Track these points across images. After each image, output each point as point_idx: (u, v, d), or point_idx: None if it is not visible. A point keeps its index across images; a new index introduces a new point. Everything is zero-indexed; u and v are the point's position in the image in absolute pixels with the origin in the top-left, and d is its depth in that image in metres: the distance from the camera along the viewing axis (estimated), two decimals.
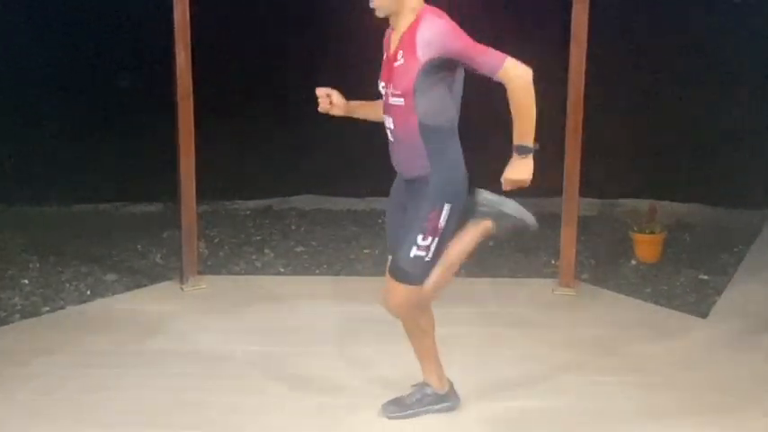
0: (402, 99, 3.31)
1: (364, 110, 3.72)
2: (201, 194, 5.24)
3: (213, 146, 5.79)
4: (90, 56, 8.05)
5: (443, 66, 3.24)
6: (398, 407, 3.73)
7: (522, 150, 3.24)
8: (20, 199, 6.70)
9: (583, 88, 4.88)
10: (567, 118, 4.93)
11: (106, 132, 7.76)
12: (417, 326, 3.60)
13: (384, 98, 3.43)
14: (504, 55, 3.17)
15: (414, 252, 3.36)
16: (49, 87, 7.96)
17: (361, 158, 7.23)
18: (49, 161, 7.39)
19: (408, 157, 3.41)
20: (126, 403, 3.85)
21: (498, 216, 3.59)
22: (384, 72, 3.43)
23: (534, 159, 3.28)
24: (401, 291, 3.43)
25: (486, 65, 3.15)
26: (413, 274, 3.39)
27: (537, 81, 3.22)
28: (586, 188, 5.13)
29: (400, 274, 3.41)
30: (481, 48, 3.18)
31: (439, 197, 3.36)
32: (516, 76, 3.16)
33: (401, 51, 3.29)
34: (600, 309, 4.94)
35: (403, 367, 4.05)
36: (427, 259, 3.38)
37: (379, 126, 3.56)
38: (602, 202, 6.67)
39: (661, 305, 5.03)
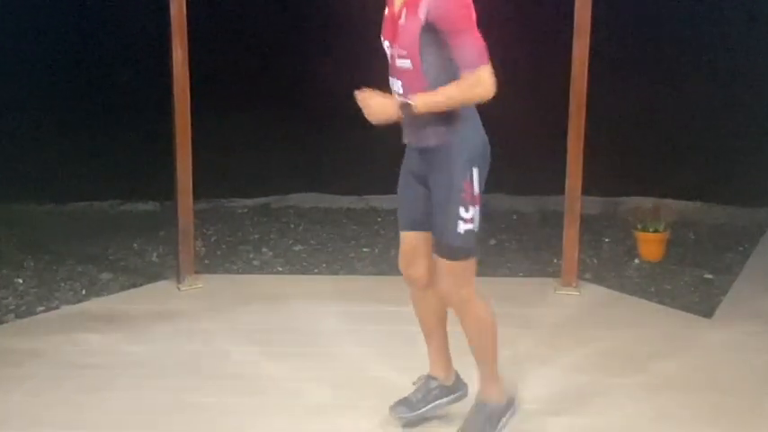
0: (409, 61, 3.14)
1: None
2: (198, 192, 5.23)
3: (210, 143, 5.78)
4: (86, 53, 8.06)
5: (440, 31, 3.07)
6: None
7: (406, 107, 3.09)
8: (14, 197, 6.69)
9: (586, 83, 4.87)
10: (569, 114, 4.92)
11: (102, 130, 7.78)
12: (480, 317, 3.42)
13: (390, 59, 3.24)
14: (487, 60, 3.05)
15: (462, 227, 3.22)
16: (44, 85, 7.97)
17: (361, 156, 7.24)
18: (44, 159, 7.40)
19: (422, 124, 3.21)
20: (122, 404, 3.84)
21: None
22: (387, 29, 3.25)
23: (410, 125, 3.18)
24: (456, 268, 3.29)
25: (466, 56, 3.03)
26: (467, 248, 3.27)
27: (538, 76, 3.21)
28: (589, 186, 5.12)
29: (456, 253, 3.26)
30: (474, 37, 3.04)
31: (466, 164, 3.21)
32: (481, 84, 3.03)
33: (405, 10, 3.12)
34: (603, 308, 4.93)
35: (403, 368, 4.05)
36: (476, 230, 3.26)
37: (379, 126, 3.40)
38: (605, 201, 6.66)
39: (665, 305, 5.02)
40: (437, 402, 3.65)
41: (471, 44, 3.03)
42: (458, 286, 3.33)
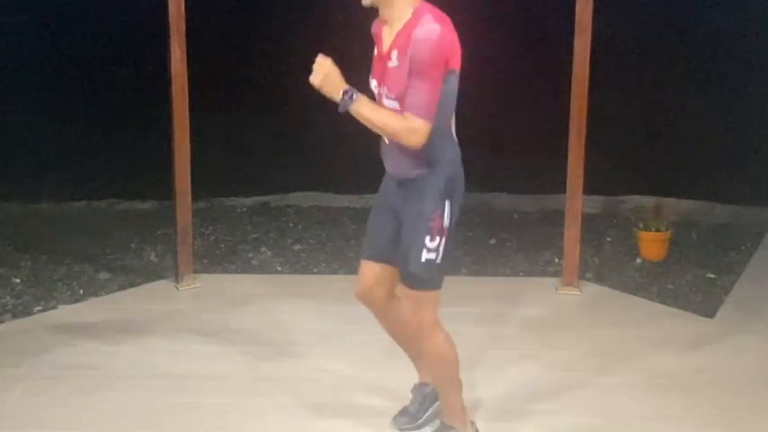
0: (397, 103, 3.13)
1: None
2: (197, 191, 5.23)
3: (209, 142, 5.78)
4: (83, 50, 8.05)
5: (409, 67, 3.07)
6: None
7: (347, 100, 3.09)
8: (11, 196, 6.69)
9: (587, 81, 4.86)
10: (570, 112, 4.92)
11: (100, 128, 7.77)
12: (437, 346, 3.39)
13: (377, 98, 3.25)
14: (430, 118, 3.04)
15: (424, 256, 3.21)
16: (40, 82, 7.96)
17: (360, 155, 7.21)
18: (41, 157, 7.39)
19: (404, 158, 3.24)
20: (120, 405, 3.84)
21: None
22: (376, 70, 3.27)
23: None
24: (416, 298, 3.30)
25: (417, 101, 3.04)
26: (427, 279, 3.26)
27: (539, 75, 3.23)
28: (590, 185, 5.12)
29: (416, 282, 3.27)
30: (429, 88, 3.03)
31: (439, 196, 3.22)
32: (413, 133, 3.05)
33: (395, 51, 3.12)
34: (604, 308, 4.93)
35: (403, 369, 4.04)
36: (438, 261, 3.24)
37: None
38: (606, 200, 6.66)
39: (667, 305, 5.02)
40: (435, 405, 3.66)
41: (426, 93, 3.04)
42: (414, 314, 3.32)
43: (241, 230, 6.37)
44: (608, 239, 6.10)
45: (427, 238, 3.21)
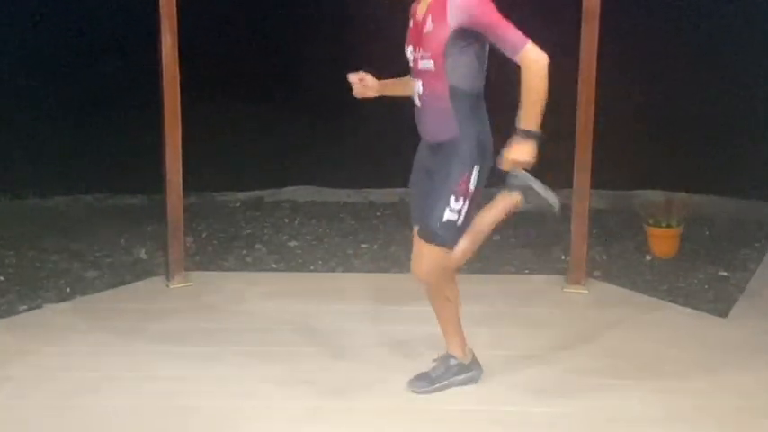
0: (432, 62, 3.54)
1: (395, 87, 3.95)
2: (188, 186, 5.23)
3: (201, 134, 5.77)
4: (69, 40, 8.04)
5: (471, 34, 3.48)
6: (425, 381, 3.91)
7: (527, 135, 3.49)
8: None
9: (595, 71, 4.86)
10: (578, 103, 4.92)
11: (87, 120, 7.77)
12: (443, 293, 3.80)
13: (413, 63, 3.65)
14: (527, 38, 3.43)
15: (447, 215, 3.56)
16: (27, 74, 7.96)
17: (359, 148, 7.24)
18: (27, 151, 7.39)
19: (437, 121, 3.61)
20: (109, 408, 3.84)
21: (526, 191, 3.81)
22: (412, 38, 3.66)
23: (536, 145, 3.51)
24: (432, 254, 3.62)
25: (509, 44, 3.43)
26: (445, 236, 3.59)
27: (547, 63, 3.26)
28: (598, 179, 5.12)
29: (433, 237, 3.59)
30: (506, 25, 3.45)
31: (468, 160, 3.58)
32: (534, 60, 3.42)
33: (430, 16, 3.53)
34: (613, 307, 4.93)
35: (403, 368, 4.05)
36: (459, 223, 3.59)
37: (378, 115, 3.60)
38: (615, 194, 6.67)
39: (678, 303, 5.02)
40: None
41: (505, 32, 3.44)
42: (427, 272, 3.67)
43: (234, 226, 6.38)
44: (616, 236, 6.11)
45: (452, 199, 3.57)
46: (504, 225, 6.06)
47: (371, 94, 3.91)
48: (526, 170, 3.66)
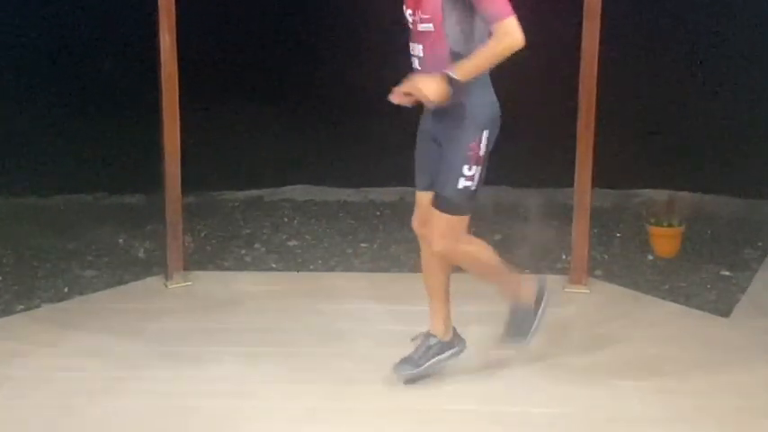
0: (431, 25, 3.54)
1: None
2: (187, 185, 5.22)
3: (200, 133, 5.78)
4: (67, 37, 8.04)
5: None
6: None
7: (449, 78, 3.46)
8: None
9: (597, 68, 4.86)
10: (579, 101, 4.92)
11: (86, 119, 7.77)
12: (465, 254, 3.81)
13: (412, 26, 3.65)
14: (512, 12, 3.42)
15: (461, 183, 3.61)
16: (22, 72, 7.96)
17: (359, 147, 7.24)
18: (25, 149, 7.39)
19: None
20: (108, 409, 3.84)
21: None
22: (409, 1, 3.65)
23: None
24: (448, 222, 3.67)
25: (491, 10, 3.42)
26: (461, 204, 3.65)
27: (546, 61, 3.27)
28: (600, 178, 5.12)
29: (449, 206, 3.65)
30: None
31: (477, 126, 3.61)
32: (508, 34, 3.41)
33: None
34: (614, 307, 4.93)
35: None
36: (473, 188, 3.64)
37: (378, 114, 3.61)
38: (616, 193, 6.66)
39: (680, 303, 5.02)
40: (437, 358, 3.98)
41: (491, 0, 3.43)
42: (443, 237, 3.71)
43: (234, 226, 6.38)
44: (618, 235, 6.11)
45: (465, 167, 3.61)
46: (506, 224, 6.12)
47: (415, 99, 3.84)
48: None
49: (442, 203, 3.67)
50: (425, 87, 3.48)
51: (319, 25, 7.80)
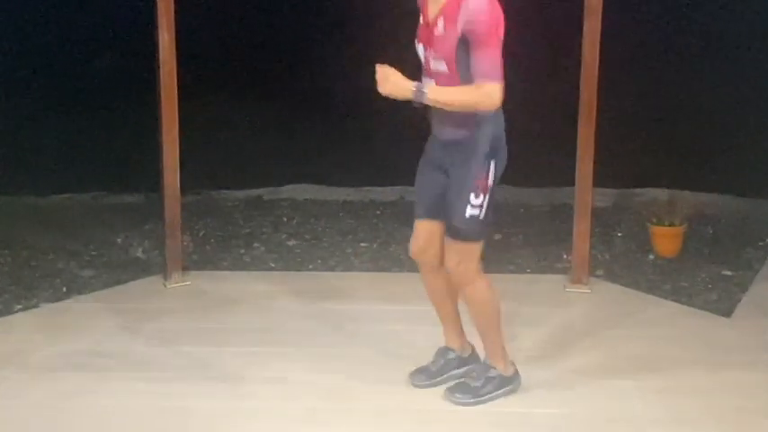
0: (445, 65, 3.55)
1: None
2: (186, 184, 5.22)
3: (199, 132, 5.78)
4: (64, 35, 8.03)
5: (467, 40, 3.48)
6: (469, 394, 3.89)
7: (420, 93, 3.50)
8: None
9: (597, 67, 4.86)
10: (580, 100, 4.92)
11: (84, 118, 7.76)
12: (477, 296, 3.83)
13: (424, 62, 3.67)
14: (501, 78, 3.46)
15: (469, 211, 3.66)
16: (22, 70, 7.95)
17: (359, 145, 7.23)
18: (23, 148, 7.38)
19: (453, 122, 3.63)
20: (105, 409, 3.85)
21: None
22: (422, 36, 3.67)
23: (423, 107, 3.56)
24: (461, 249, 3.73)
25: (482, 67, 3.45)
26: (470, 231, 3.70)
27: (547, 60, 3.27)
28: (601, 177, 5.12)
29: (459, 234, 3.71)
30: (494, 54, 3.46)
31: (485, 157, 3.65)
32: (488, 96, 3.46)
33: (441, 20, 3.52)
34: (615, 307, 4.93)
35: (403, 369, 4.06)
36: (481, 217, 3.69)
37: (379, 113, 3.62)
38: (617, 192, 6.66)
39: (681, 303, 5.02)
40: (453, 372, 4.01)
41: (490, 58, 3.45)
42: (457, 264, 3.74)
43: (233, 225, 6.38)
44: (619, 234, 6.11)
45: (472, 196, 3.66)
46: (506, 224, 6.13)
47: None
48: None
49: (453, 232, 3.72)
50: (387, 81, 3.51)
51: (320, 23, 7.80)
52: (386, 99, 3.60)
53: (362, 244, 6.02)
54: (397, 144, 6.77)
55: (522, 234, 6.09)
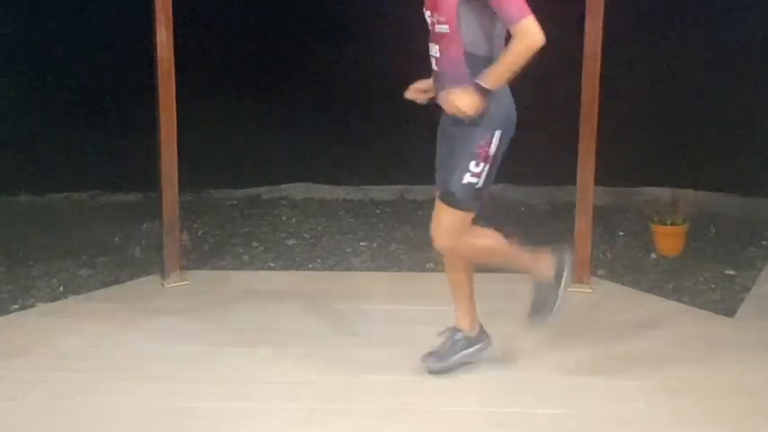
0: (447, 26, 3.62)
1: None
2: (184, 182, 5.23)
3: (197, 131, 5.79)
4: (61, 33, 8.03)
5: None
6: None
7: (481, 89, 3.56)
8: None
9: (599, 65, 4.87)
10: (581, 98, 4.92)
11: (81, 116, 7.76)
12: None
13: (430, 27, 3.73)
14: (529, 12, 3.49)
15: (466, 178, 3.67)
16: (18, 69, 7.95)
17: (358, 144, 7.24)
18: (20, 147, 7.38)
19: (454, 87, 3.64)
20: (103, 410, 3.84)
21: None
22: (428, 2, 3.74)
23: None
24: (450, 216, 3.73)
25: (509, 12, 3.49)
26: (464, 199, 3.70)
27: (548, 58, 3.28)
28: (602, 175, 5.12)
29: (452, 200, 3.71)
30: None
31: (489, 124, 3.66)
32: (528, 35, 3.48)
33: None
34: (617, 307, 4.94)
35: (403, 369, 4.06)
36: (478, 186, 3.70)
37: (379, 111, 3.63)
38: (619, 191, 6.66)
39: (684, 303, 5.03)
40: (463, 353, 4.08)
41: (508, 2, 3.50)
42: (443, 233, 3.77)
43: (231, 224, 6.38)
44: (621, 234, 6.11)
45: (472, 163, 3.67)
46: (507, 223, 6.12)
47: (431, 95, 3.93)
48: None
49: (445, 196, 3.74)
50: (459, 101, 3.57)
51: (320, 22, 7.80)
52: (385, 98, 3.61)
53: (362, 243, 6.02)
54: (397, 143, 6.78)
55: (523, 233, 6.06)
